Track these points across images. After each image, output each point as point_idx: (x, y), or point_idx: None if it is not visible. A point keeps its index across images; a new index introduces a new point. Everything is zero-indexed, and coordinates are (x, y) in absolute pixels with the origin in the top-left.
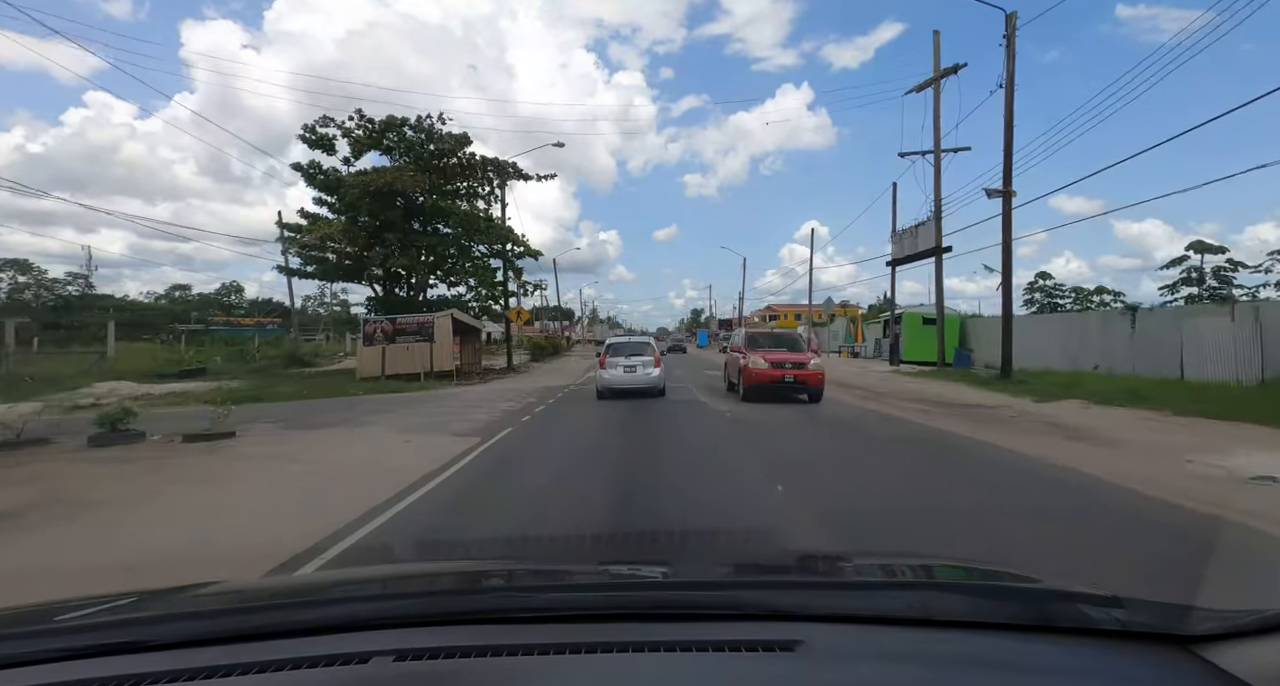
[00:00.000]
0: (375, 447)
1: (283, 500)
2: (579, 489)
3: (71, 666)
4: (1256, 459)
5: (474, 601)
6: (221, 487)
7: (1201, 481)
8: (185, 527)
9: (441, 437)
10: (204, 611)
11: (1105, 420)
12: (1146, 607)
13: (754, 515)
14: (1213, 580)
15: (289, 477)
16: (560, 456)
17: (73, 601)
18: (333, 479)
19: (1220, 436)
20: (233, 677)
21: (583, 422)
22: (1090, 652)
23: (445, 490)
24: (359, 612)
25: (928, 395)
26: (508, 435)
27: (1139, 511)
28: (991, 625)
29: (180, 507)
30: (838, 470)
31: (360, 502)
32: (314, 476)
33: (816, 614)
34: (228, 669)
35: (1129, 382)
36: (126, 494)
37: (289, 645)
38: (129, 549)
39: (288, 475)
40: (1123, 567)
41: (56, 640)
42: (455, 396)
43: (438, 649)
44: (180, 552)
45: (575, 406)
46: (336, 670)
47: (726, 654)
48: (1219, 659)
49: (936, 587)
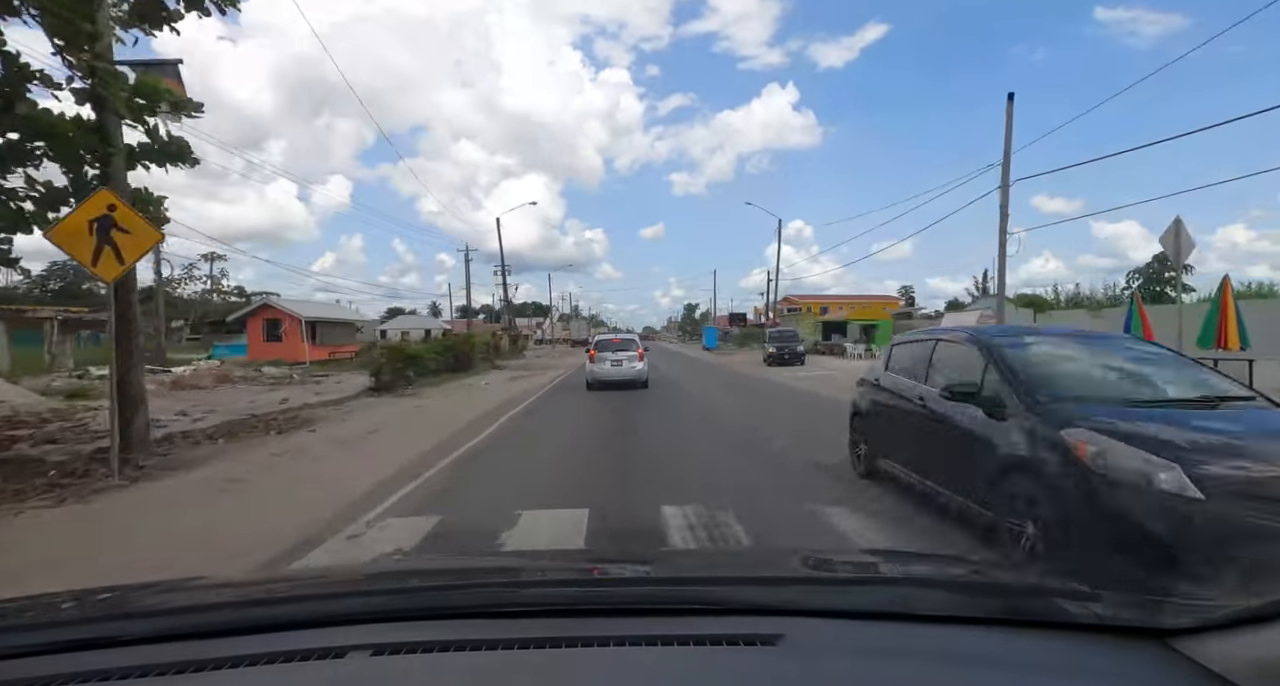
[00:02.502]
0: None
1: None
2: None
3: (38, 662)
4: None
5: (453, 596)
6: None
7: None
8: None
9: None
10: (175, 607)
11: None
12: (1123, 602)
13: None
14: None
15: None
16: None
17: (42, 597)
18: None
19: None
20: (205, 672)
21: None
22: (1068, 647)
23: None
24: (334, 608)
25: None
26: None
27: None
28: (971, 619)
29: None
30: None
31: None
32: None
33: (798, 609)
34: (200, 664)
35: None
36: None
37: (262, 640)
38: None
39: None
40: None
41: (24, 636)
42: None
43: (415, 643)
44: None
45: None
46: (312, 664)
47: (709, 648)
48: (1193, 652)
49: (917, 583)
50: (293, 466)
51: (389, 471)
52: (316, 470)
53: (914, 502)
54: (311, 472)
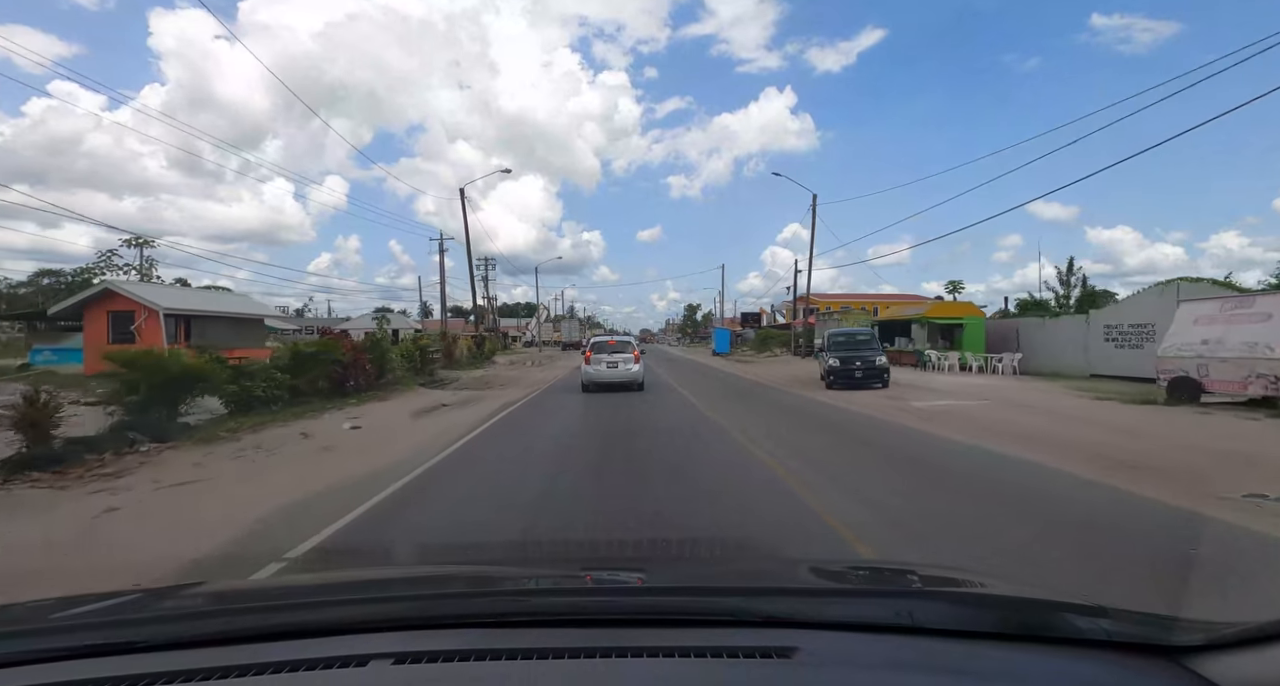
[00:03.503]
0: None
1: None
2: None
3: (64, 666)
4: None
5: (471, 605)
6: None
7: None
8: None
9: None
10: (198, 612)
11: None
12: (1132, 618)
13: None
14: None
15: None
16: None
17: (66, 600)
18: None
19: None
20: (229, 679)
21: None
22: (1077, 663)
23: None
24: (355, 615)
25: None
26: None
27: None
28: (981, 634)
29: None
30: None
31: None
32: None
33: (812, 621)
34: (224, 671)
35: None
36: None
37: (284, 647)
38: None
39: None
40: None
41: (50, 640)
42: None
43: (436, 652)
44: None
45: None
46: (335, 672)
47: (724, 660)
48: (1202, 669)
49: (928, 596)
50: None
51: None
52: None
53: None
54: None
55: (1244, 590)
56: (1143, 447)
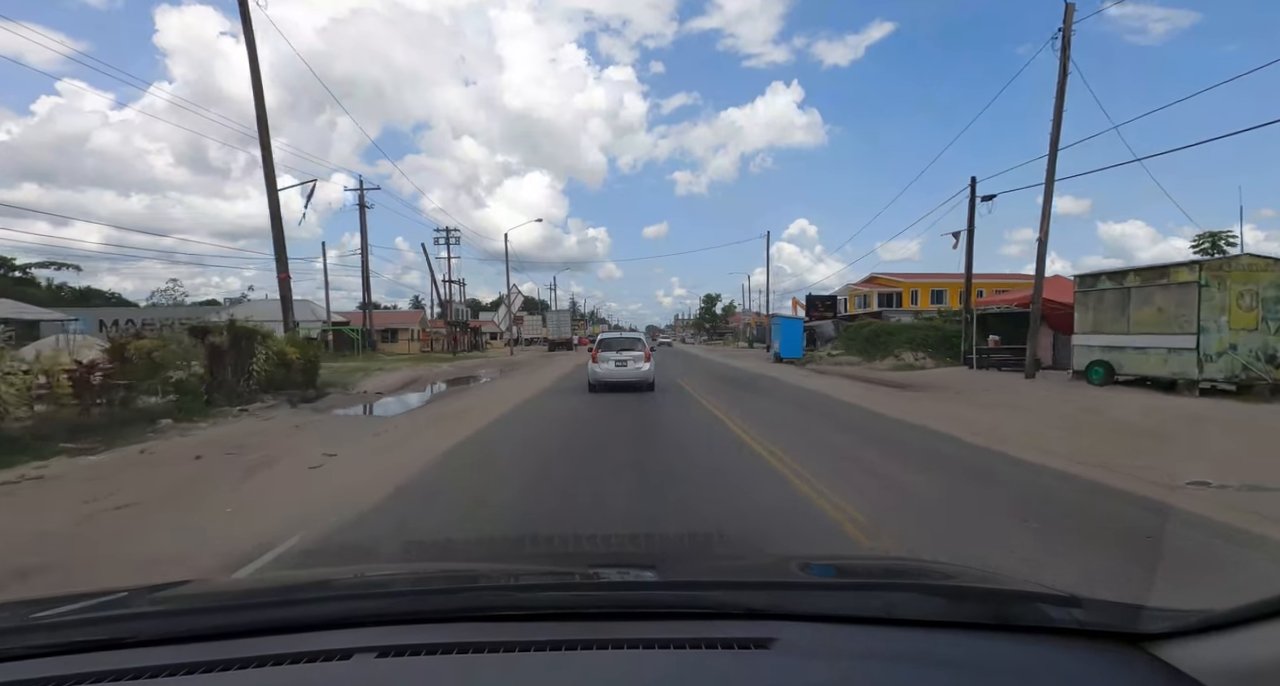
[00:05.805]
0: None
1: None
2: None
3: (47, 662)
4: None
5: (454, 600)
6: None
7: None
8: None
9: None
10: (181, 609)
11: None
12: (1103, 607)
13: None
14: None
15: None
16: None
17: (49, 599)
18: None
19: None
20: (213, 674)
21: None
22: (1049, 651)
23: None
24: (339, 610)
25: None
26: None
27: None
28: (955, 624)
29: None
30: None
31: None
32: None
33: (790, 613)
34: (208, 665)
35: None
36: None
37: (268, 642)
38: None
39: None
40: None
41: (33, 637)
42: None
43: (419, 646)
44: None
45: None
46: (319, 666)
47: (704, 651)
48: (1169, 656)
49: (904, 589)
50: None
51: None
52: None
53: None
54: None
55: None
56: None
